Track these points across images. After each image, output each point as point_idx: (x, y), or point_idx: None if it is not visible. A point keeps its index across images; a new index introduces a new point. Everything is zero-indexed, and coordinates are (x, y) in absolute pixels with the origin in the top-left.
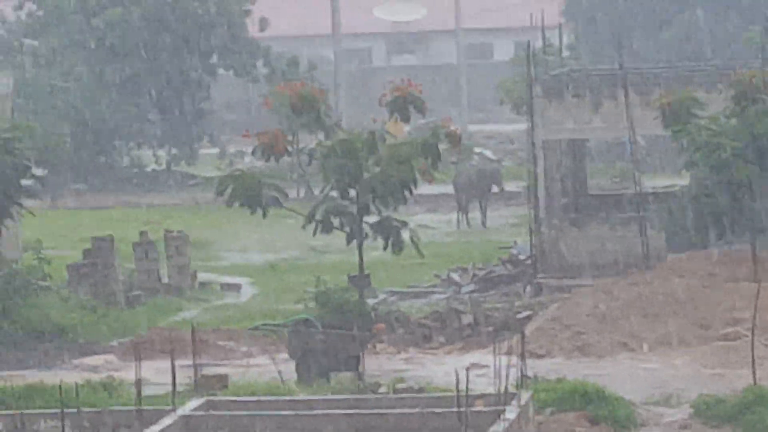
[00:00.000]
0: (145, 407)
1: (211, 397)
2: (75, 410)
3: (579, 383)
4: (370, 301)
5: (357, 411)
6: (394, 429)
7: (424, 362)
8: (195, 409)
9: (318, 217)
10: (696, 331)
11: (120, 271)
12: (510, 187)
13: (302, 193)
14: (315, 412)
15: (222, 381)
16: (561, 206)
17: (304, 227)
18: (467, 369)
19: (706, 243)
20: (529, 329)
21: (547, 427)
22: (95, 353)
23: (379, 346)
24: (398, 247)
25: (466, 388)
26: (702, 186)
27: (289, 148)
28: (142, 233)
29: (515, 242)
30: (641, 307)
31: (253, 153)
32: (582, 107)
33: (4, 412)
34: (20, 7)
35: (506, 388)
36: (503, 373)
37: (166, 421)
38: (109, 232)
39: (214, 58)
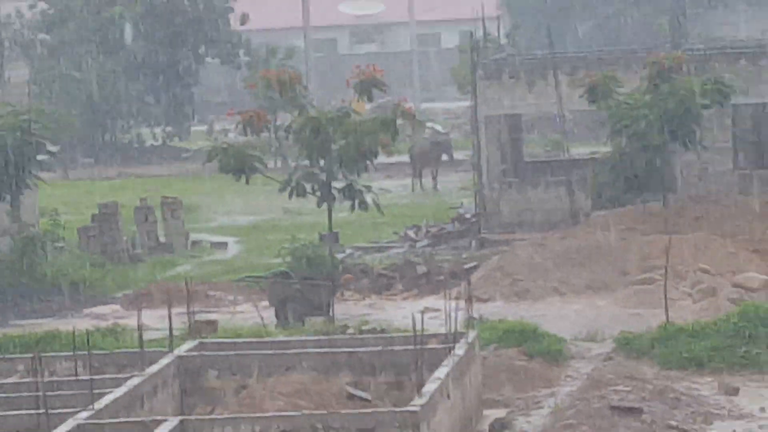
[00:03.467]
0: (146, 350)
1: (203, 340)
2: (86, 353)
3: (517, 323)
4: (339, 256)
5: (328, 350)
6: (360, 365)
7: (385, 307)
8: (189, 351)
9: (293, 183)
10: (616, 277)
11: (123, 232)
12: (458, 155)
13: (279, 164)
14: (292, 351)
15: (212, 326)
16: (501, 172)
17: (280, 192)
18: (422, 312)
19: (625, 201)
20: (474, 278)
21: (490, 362)
22: (103, 304)
23: (346, 293)
24: (363, 207)
25: (422, 328)
26: (621, 153)
27: (268, 126)
28: (141, 200)
29: (462, 203)
30: (570, 257)
31: (236, 129)
32: (517, 87)
33: (24, 355)
34: (34, 5)
35: (455, 328)
36: (453, 315)
37: (164, 361)
38: (114, 199)
39: (202, 49)
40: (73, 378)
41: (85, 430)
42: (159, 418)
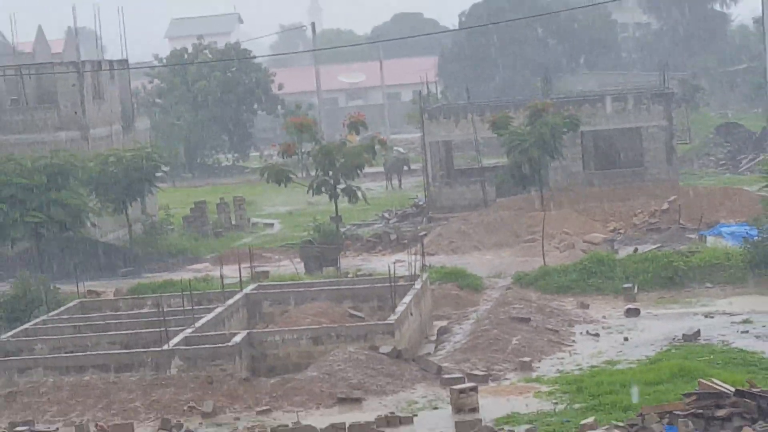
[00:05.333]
0: (226, 290)
1: (260, 283)
2: (188, 293)
3: (452, 268)
4: (342, 230)
5: (336, 287)
6: (357, 296)
7: (371, 260)
8: (252, 290)
9: (313, 186)
10: (512, 239)
11: (209, 218)
12: (414, 167)
13: (304, 175)
14: (314, 288)
15: (265, 274)
16: (440, 176)
17: (306, 192)
18: (394, 263)
19: (516, 192)
20: (425, 241)
21: (436, 292)
22: (198, 263)
23: (348, 253)
24: (355, 200)
25: (394, 272)
26: (513, 162)
27: (296, 152)
28: (220, 198)
29: (417, 196)
30: (483, 227)
31: (277, 154)
32: (449, 124)
33: (151, 295)
34: (152, 81)
35: (415, 272)
36: (413, 264)
37: (237, 296)
38: (203, 199)
39: (255, 105)
40: (181, 308)
41: (189, 340)
42: (234, 331)
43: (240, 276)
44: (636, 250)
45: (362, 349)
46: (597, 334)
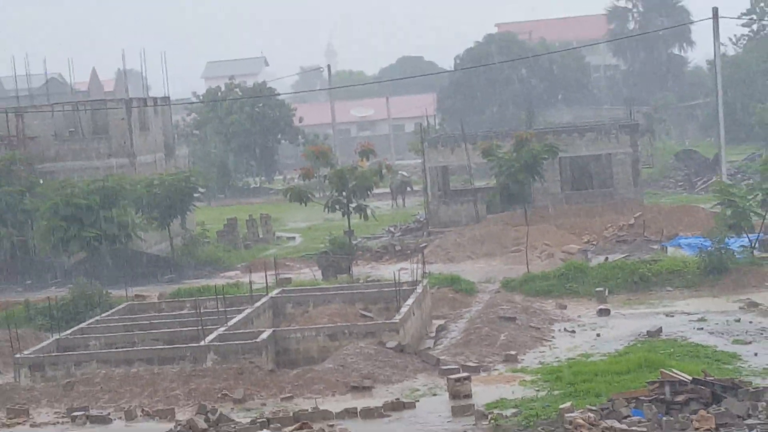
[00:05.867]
0: (254, 294)
1: (284, 288)
2: (222, 296)
3: (449, 275)
4: (354, 242)
5: (349, 291)
6: (366, 298)
7: (379, 268)
8: (276, 294)
9: (329, 204)
10: (500, 248)
11: (240, 232)
12: (416, 188)
13: (321, 195)
14: (330, 292)
15: (288, 280)
16: (438, 196)
17: (323, 210)
18: (399, 270)
19: (504, 209)
20: (426, 251)
21: (435, 295)
22: (230, 270)
23: (359, 261)
24: (365, 217)
25: (398, 278)
26: (501, 184)
27: (315, 175)
28: (249, 216)
29: (418, 213)
30: (475, 239)
31: (298, 177)
32: (446, 151)
33: (189, 298)
34: (189, 114)
35: (416, 278)
36: (415, 271)
37: (263, 299)
38: (234, 216)
39: (279, 136)
40: (215, 310)
41: (222, 337)
42: (261, 329)
43: (266, 282)
44: (606, 259)
45: (371, 344)
46: (573, 331)
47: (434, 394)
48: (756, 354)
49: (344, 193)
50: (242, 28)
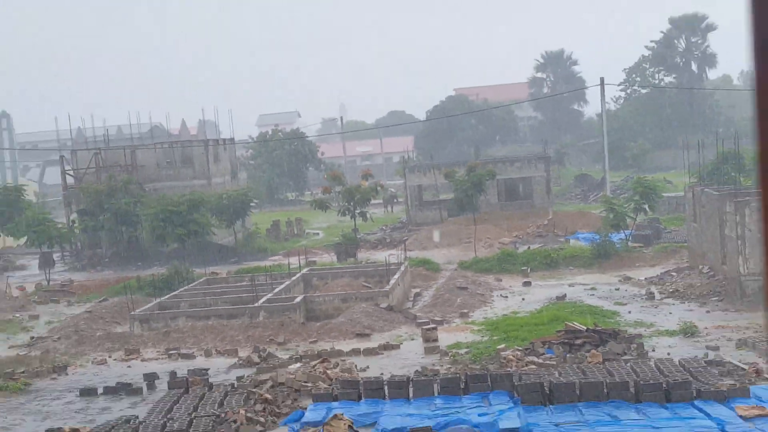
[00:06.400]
0: (291, 272)
1: (311, 268)
2: (270, 273)
3: (422, 258)
4: (358, 236)
5: (355, 269)
6: (367, 274)
7: (375, 254)
8: (306, 271)
9: (341, 210)
10: (457, 240)
11: (281, 230)
12: (400, 200)
13: (336, 205)
14: (343, 270)
15: (314, 262)
16: (415, 205)
17: (337, 214)
18: (388, 256)
19: (458, 214)
20: (407, 242)
21: (413, 272)
22: (274, 255)
23: (361, 249)
24: (366, 219)
25: (388, 261)
26: (458, 197)
27: (332, 191)
28: (287, 219)
29: (402, 217)
30: (442, 234)
31: (321, 193)
32: (420, 175)
33: (247, 274)
34: (247, 150)
35: (400, 260)
36: (400, 256)
37: (297, 275)
38: (278, 219)
39: (307, 165)
40: (265, 282)
41: (270, 300)
42: (295, 295)
43: (299, 263)
44: (529, 247)
45: (370, 305)
46: (506, 297)
47: (412, 339)
48: (629, 312)
49: (351, 203)
50: (283, 90)
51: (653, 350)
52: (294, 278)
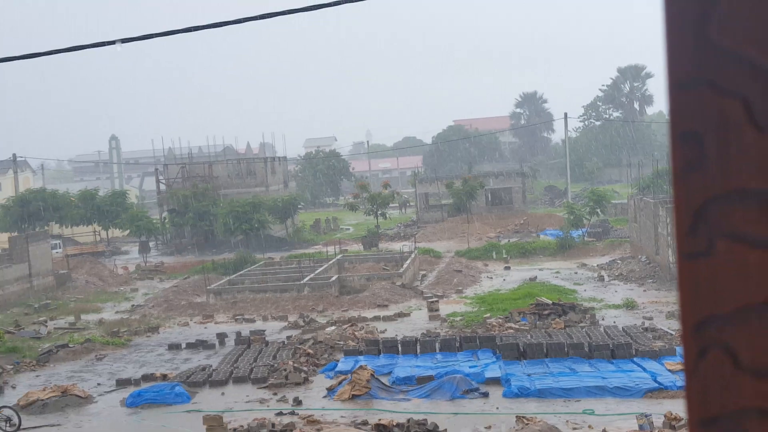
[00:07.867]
0: (329, 257)
1: (344, 254)
2: (311, 258)
3: (429, 248)
4: (380, 231)
5: (378, 255)
6: (386, 259)
7: (392, 244)
8: (340, 257)
9: (367, 212)
10: (454, 235)
11: (321, 226)
12: (412, 204)
13: (363, 207)
14: (368, 256)
15: (346, 251)
16: (423, 208)
17: (364, 215)
18: (402, 246)
19: (457, 215)
20: (417, 236)
21: (421, 258)
22: (316, 245)
23: (382, 241)
24: (385, 218)
25: (402, 250)
26: (455, 202)
27: (360, 197)
28: (326, 218)
29: (413, 216)
30: (442, 230)
31: (352, 198)
32: (427, 185)
33: (295, 259)
34: (297, 166)
35: (411, 250)
36: (411, 247)
37: (333, 260)
38: (319, 218)
39: (342, 176)
40: (309, 265)
41: (313, 279)
42: (332, 275)
43: (335, 251)
44: (509, 240)
45: (388, 283)
46: (491, 278)
47: (419, 309)
48: (585, 290)
49: (375, 206)
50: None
51: (603, 319)
52: (330, 262)
